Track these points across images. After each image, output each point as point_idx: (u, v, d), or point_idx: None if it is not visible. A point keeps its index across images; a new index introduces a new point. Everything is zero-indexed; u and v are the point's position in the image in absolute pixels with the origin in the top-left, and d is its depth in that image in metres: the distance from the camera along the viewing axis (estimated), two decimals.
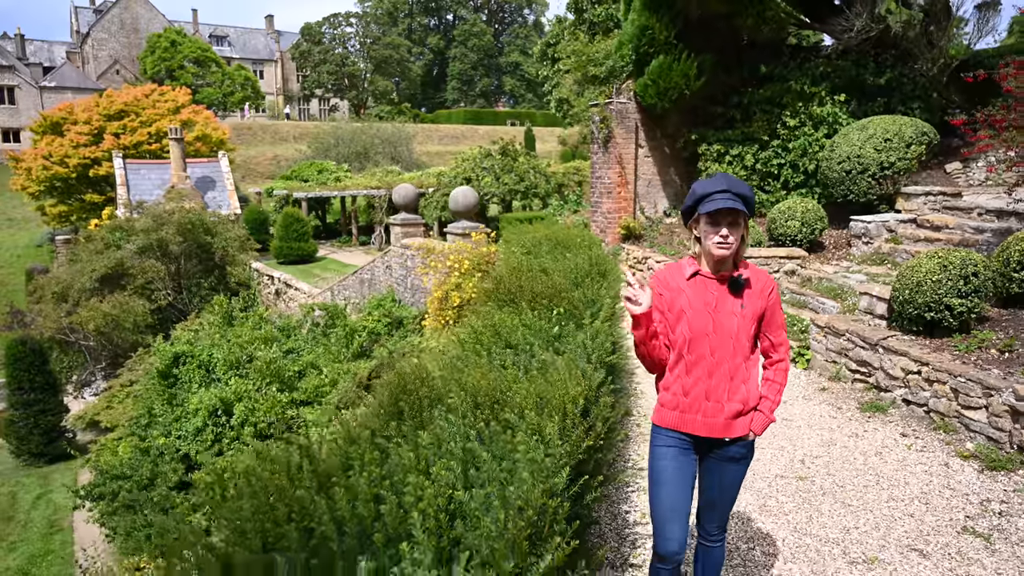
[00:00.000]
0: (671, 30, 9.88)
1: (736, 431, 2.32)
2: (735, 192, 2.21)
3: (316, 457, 1.69)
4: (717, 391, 2.29)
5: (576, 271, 4.85)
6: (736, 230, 2.23)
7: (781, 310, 2.40)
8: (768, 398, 2.39)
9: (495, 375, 2.34)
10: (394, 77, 62.09)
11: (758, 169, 10.06)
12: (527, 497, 1.45)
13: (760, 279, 2.34)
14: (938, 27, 9.89)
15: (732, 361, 2.29)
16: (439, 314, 9.66)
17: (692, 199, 2.29)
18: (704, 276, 2.31)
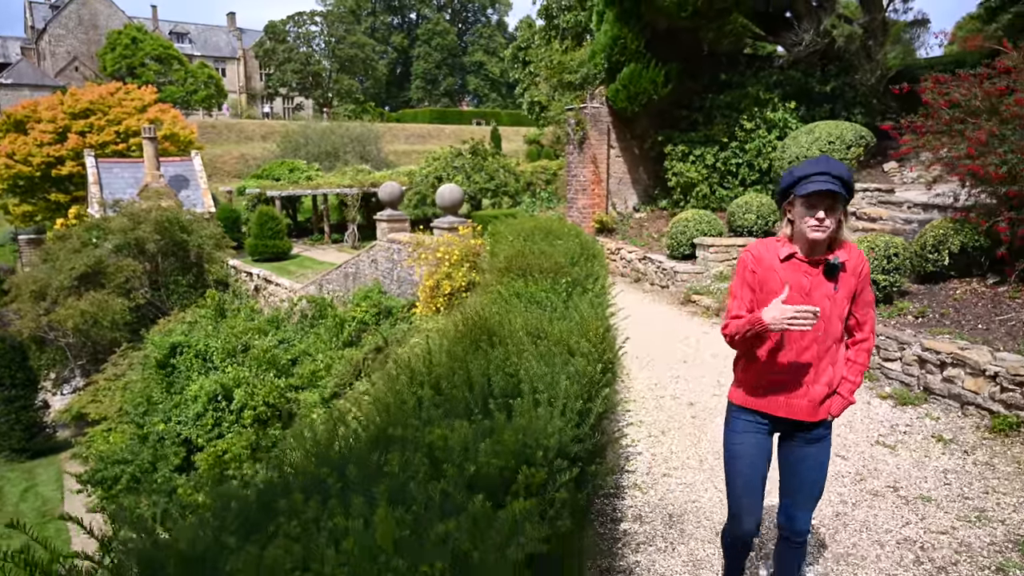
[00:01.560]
0: (640, 41, 10.83)
1: (820, 414, 2.28)
2: (834, 174, 2.11)
3: (435, 361, 2.50)
4: (805, 374, 2.24)
5: (569, 253, 5.69)
6: (833, 214, 2.13)
7: (871, 287, 2.31)
8: (848, 379, 2.31)
9: (535, 316, 3.17)
10: (359, 76, 62.19)
11: (718, 168, 11.08)
12: (587, 374, 2.29)
13: (854, 258, 2.25)
14: (876, 42, 11.06)
15: (823, 344, 2.24)
16: (431, 302, 10.42)
17: (789, 180, 2.20)
18: (799, 259, 2.22)
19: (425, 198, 23.40)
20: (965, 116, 6.86)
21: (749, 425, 2.34)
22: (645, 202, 12.64)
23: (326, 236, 28.32)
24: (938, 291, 6.56)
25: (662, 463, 4.04)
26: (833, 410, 2.30)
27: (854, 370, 2.32)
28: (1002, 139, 6.37)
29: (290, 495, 1.35)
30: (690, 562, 3.04)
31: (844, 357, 2.32)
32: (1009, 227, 6.14)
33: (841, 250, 2.23)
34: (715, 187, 11.11)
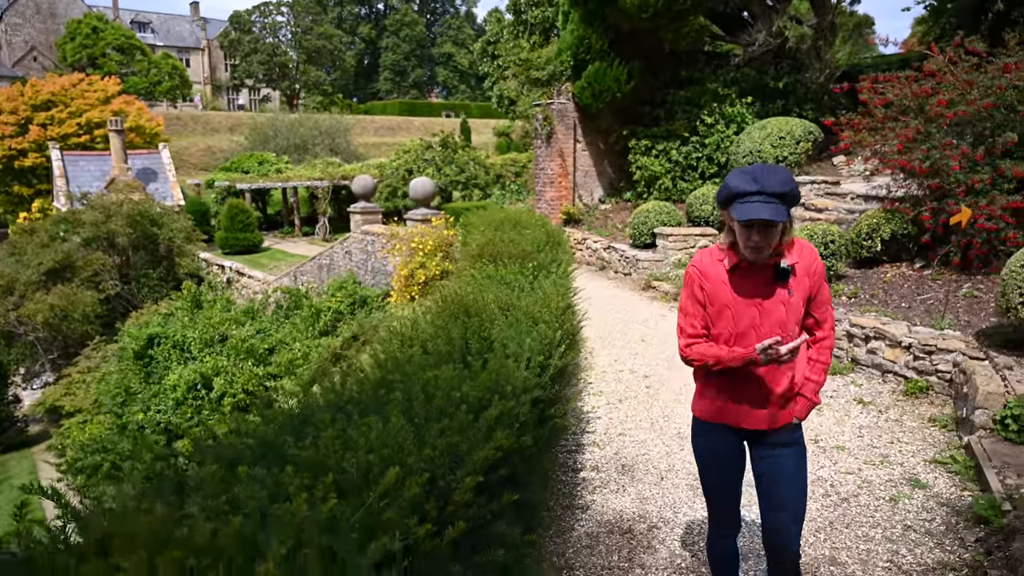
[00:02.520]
0: (605, 40, 11.35)
1: (782, 420, 2.21)
2: (770, 192, 1.97)
3: (420, 329, 2.97)
4: (764, 384, 2.17)
5: (536, 241, 6.18)
6: (771, 234, 2.02)
7: (827, 285, 2.24)
8: (812, 379, 2.24)
9: (504, 294, 3.65)
10: (326, 67, 61.78)
11: (680, 162, 11.67)
12: (546, 336, 2.79)
13: (806, 257, 2.15)
14: (825, 42, 11.74)
15: None
16: (405, 290, 10.84)
17: (724, 194, 2.08)
18: (747, 268, 2.13)
19: (396, 191, 23.67)
20: (897, 115, 7.52)
21: (714, 436, 2.30)
22: (610, 194, 13.20)
23: (297, 229, 28.38)
24: (871, 275, 7.22)
25: (618, 425, 4.57)
26: (797, 412, 2.22)
27: (816, 369, 2.25)
28: (927, 136, 7.04)
29: (321, 415, 1.82)
30: (638, 499, 3.57)
31: (806, 357, 2.26)
32: (932, 216, 6.80)
33: (792, 250, 2.13)
34: (677, 180, 11.70)
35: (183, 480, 1.57)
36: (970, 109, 6.74)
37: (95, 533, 1.19)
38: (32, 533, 1.19)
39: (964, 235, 6.54)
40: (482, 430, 1.79)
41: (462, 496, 1.52)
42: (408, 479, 1.42)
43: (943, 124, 7.01)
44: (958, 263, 6.69)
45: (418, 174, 22.97)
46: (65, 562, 1.08)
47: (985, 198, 6.42)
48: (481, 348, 2.69)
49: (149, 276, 19.43)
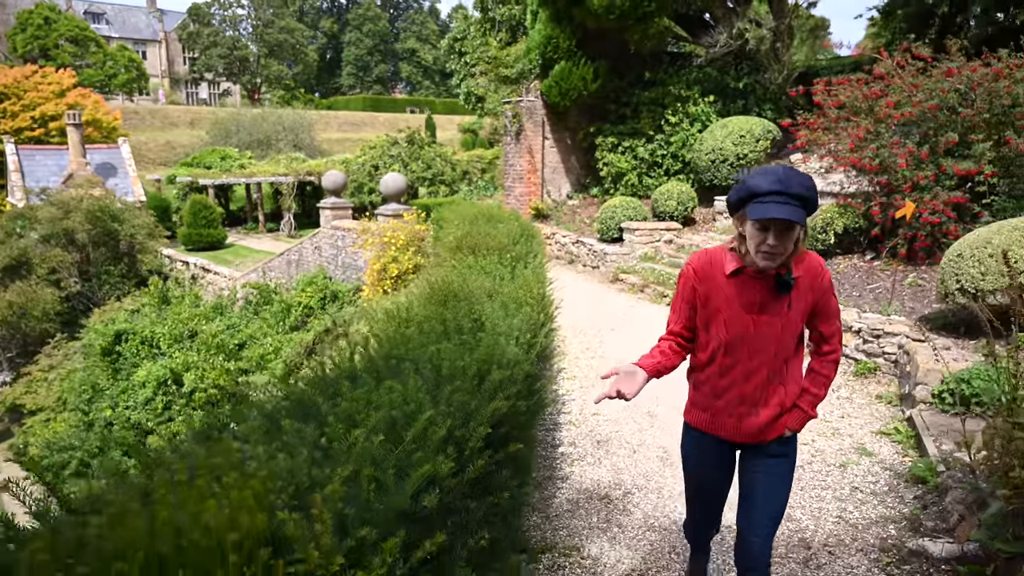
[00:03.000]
0: (572, 40, 11.65)
1: (771, 434, 2.12)
2: (792, 193, 1.85)
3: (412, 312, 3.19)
4: (753, 396, 2.08)
5: (511, 234, 6.42)
6: (788, 237, 1.89)
7: (834, 298, 2.11)
8: (811, 392, 2.14)
9: (488, 281, 3.89)
10: (287, 61, 60.92)
11: (645, 159, 12.04)
12: (531, 318, 3.04)
13: (810, 273, 2.03)
14: (783, 44, 12.23)
15: (773, 365, 2.06)
16: (378, 284, 10.97)
17: (741, 192, 1.94)
18: (748, 275, 2.03)
19: (362, 186, 23.62)
20: (849, 115, 7.98)
21: (703, 440, 2.23)
22: (577, 190, 13.52)
23: (261, 225, 28.09)
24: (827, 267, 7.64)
25: (591, 405, 4.86)
26: (791, 424, 2.13)
27: (818, 382, 2.15)
28: (876, 136, 7.49)
29: (340, 383, 2.04)
30: (613, 470, 3.86)
31: (808, 367, 2.17)
32: (881, 211, 7.26)
33: (799, 264, 2.01)
34: (642, 176, 12.07)
35: (225, 429, 1.77)
36: (916, 111, 7.21)
37: (177, 465, 1.39)
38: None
39: (910, 228, 7.00)
40: (487, 393, 2.03)
41: (475, 443, 1.75)
42: (431, 427, 1.65)
43: (891, 124, 7.47)
44: (904, 255, 7.15)
45: (384, 170, 22.97)
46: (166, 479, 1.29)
47: (929, 194, 6.89)
48: (473, 328, 2.92)
49: (110, 273, 19.11)
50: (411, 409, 1.75)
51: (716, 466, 2.27)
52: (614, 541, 3.13)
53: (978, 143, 6.81)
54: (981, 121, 6.89)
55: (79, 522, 1.12)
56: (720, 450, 2.23)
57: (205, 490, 1.17)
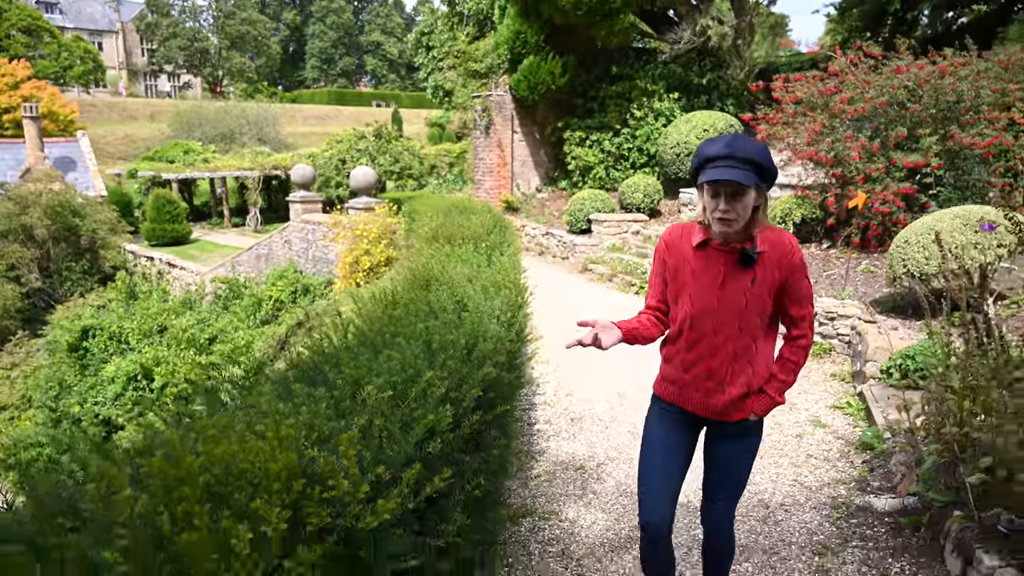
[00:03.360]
0: (540, 35, 11.85)
1: (737, 415, 2.11)
2: (740, 157, 1.88)
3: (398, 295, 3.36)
4: (720, 372, 2.07)
5: (485, 225, 6.60)
6: (739, 202, 1.91)
7: (806, 280, 2.07)
8: (779, 378, 2.11)
9: (467, 268, 4.07)
10: (250, 54, 59.91)
11: (612, 152, 12.32)
12: (510, 299, 3.24)
13: (778, 248, 2.01)
14: (744, 41, 12.61)
15: (738, 341, 2.05)
16: (350, 277, 11.05)
17: (696, 161, 1.99)
18: (713, 247, 2.04)
19: (329, 180, 23.48)
20: (806, 110, 8.34)
21: (667, 414, 2.22)
22: (546, 183, 13.75)
23: (226, 220, 27.73)
24: None
25: (565, 387, 5.08)
26: (756, 409, 2.11)
27: (787, 368, 2.13)
28: (831, 130, 7.86)
29: (340, 354, 2.21)
30: (587, 444, 4.09)
31: (776, 354, 2.16)
32: (836, 201, 7.63)
33: (765, 237, 2.00)
34: (609, 169, 12.35)
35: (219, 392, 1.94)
36: (868, 106, 7.58)
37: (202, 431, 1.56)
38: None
39: (863, 218, 7.39)
40: (476, 361, 2.23)
41: (469, 403, 1.95)
42: (430, 387, 1.84)
43: (845, 119, 7.85)
44: (858, 243, 7.54)
45: (352, 164, 22.91)
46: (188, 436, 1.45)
47: (880, 185, 7.27)
48: (456, 308, 3.11)
49: (72, 269, 18.77)
50: (411, 374, 1.93)
51: (674, 434, 2.20)
52: (589, 506, 3.36)
53: (925, 137, 7.22)
54: (928, 116, 7.30)
55: (141, 460, 1.29)
56: (684, 420, 2.20)
57: (247, 432, 1.35)
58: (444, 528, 1.73)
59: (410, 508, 1.51)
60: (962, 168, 7.30)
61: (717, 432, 2.20)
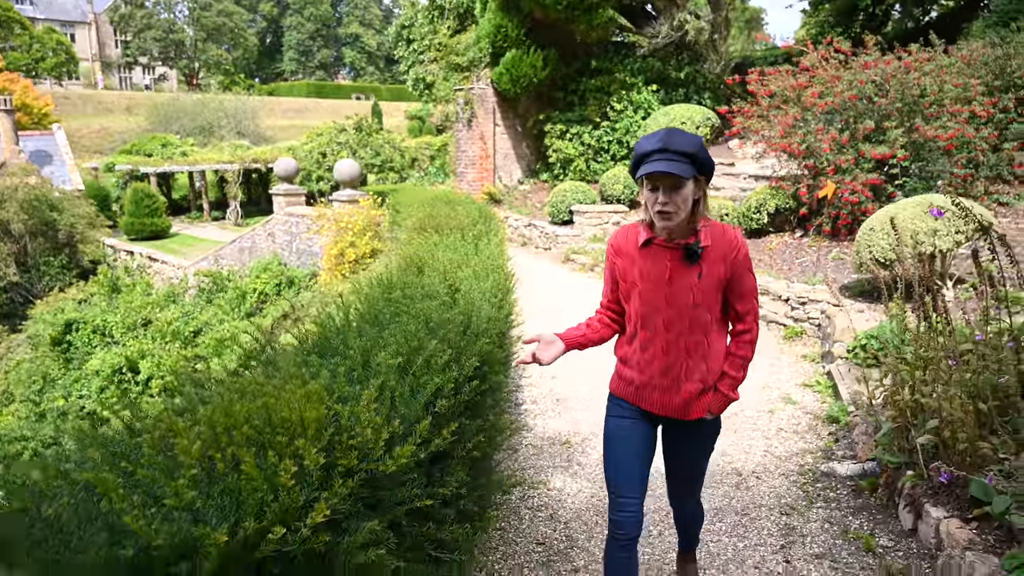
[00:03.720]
0: (521, 29, 12.02)
1: (695, 412, 2.11)
2: (675, 150, 1.90)
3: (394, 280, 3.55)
4: (674, 369, 2.08)
5: (470, 216, 6.81)
6: (678, 194, 1.92)
7: (751, 275, 2.11)
8: (729, 374, 2.13)
9: (457, 255, 4.27)
10: (226, 45, 59.23)
11: (592, 145, 12.55)
12: (499, 283, 3.45)
13: (723, 243, 2.03)
14: (720, 36, 12.88)
15: (690, 337, 2.06)
16: (335, 269, 11.17)
17: (634, 158, 2.01)
18: (657, 244, 2.06)
19: (310, 174, 23.44)
20: (779, 104, 8.62)
21: (625, 411, 2.23)
22: (528, 175, 13.95)
23: (206, 214, 27.58)
24: (760, 243, 8.30)
25: (550, 370, 5.30)
26: (712, 407, 2.13)
27: (735, 364, 2.14)
28: (803, 123, 8.14)
29: (347, 331, 2.40)
30: (571, 421, 4.32)
31: (726, 352, 2.16)
32: (808, 192, 7.92)
33: (708, 232, 2.02)
34: (590, 162, 12.58)
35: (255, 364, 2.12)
36: (838, 100, 7.87)
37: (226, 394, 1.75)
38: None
39: (833, 208, 7.68)
40: (472, 336, 2.43)
41: (468, 371, 2.15)
42: (434, 356, 2.04)
43: (817, 112, 8.12)
44: (829, 232, 7.84)
45: (332, 157, 22.91)
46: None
47: (850, 175, 7.56)
48: (450, 291, 3.31)
49: (50, 264, 18.65)
50: (415, 345, 2.13)
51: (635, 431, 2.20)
52: (575, 476, 3.58)
53: (892, 130, 7.52)
54: (894, 110, 7.61)
55: (192, 409, 1.48)
56: (641, 419, 2.20)
57: (278, 390, 1.54)
58: (448, 480, 1.94)
59: (421, 458, 1.71)
60: (927, 159, 7.61)
61: (675, 432, 2.22)
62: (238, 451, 1.33)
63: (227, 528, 1.16)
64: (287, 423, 1.43)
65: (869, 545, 2.79)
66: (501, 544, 2.95)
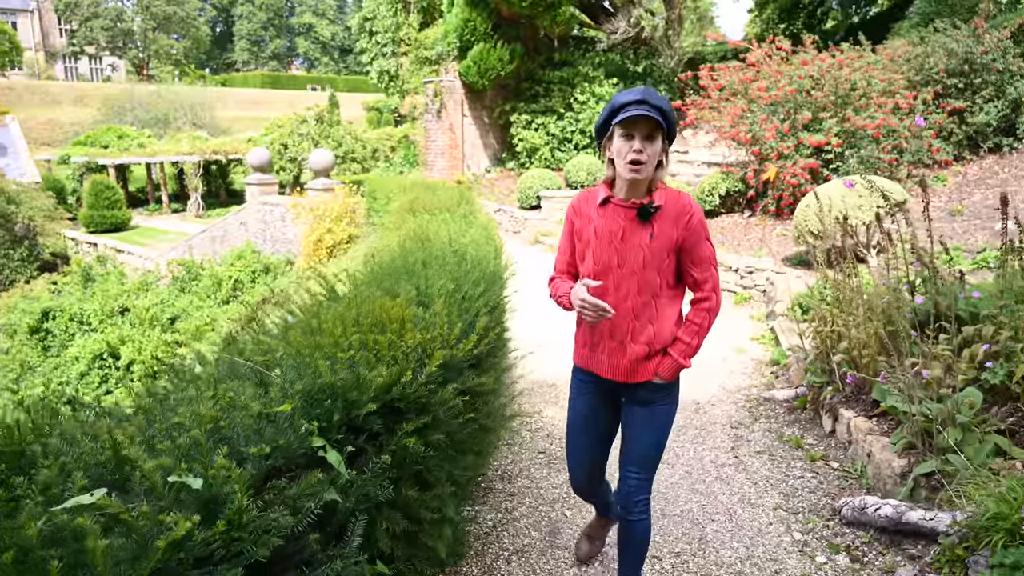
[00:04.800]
0: (488, 24, 12.62)
1: (641, 375, 2.13)
2: (652, 104, 1.96)
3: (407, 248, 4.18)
4: (621, 329, 2.11)
5: (453, 198, 7.43)
6: (652, 145, 1.98)
7: (707, 243, 2.11)
8: (683, 340, 2.13)
9: (454, 229, 4.91)
10: (175, 35, 57.97)
11: (557, 135, 13.25)
12: (496, 248, 4.12)
13: (677, 206, 2.06)
14: (675, 32, 13.71)
15: (638, 298, 2.08)
16: (314, 254, 11.63)
17: (608, 110, 2.03)
18: (616, 203, 2.10)
19: (272, 164, 23.59)
20: (728, 96, 9.45)
21: (584, 385, 2.29)
22: (494, 164, 14.59)
23: (165, 206, 27.36)
24: (713, 223, 9.13)
25: (533, 328, 5.99)
26: (661, 371, 2.12)
27: (690, 331, 2.13)
28: (750, 114, 8.99)
29: (383, 275, 3.03)
30: (558, 368, 5.02)
31: (680, 316, 2.19)
32: (754, 176, 8.78)
33: (662, 194, 2.07)
34: (554, 151, 13.29)
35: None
36: (780, 93, 8.74)
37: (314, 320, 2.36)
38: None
39: (776, 190, 8.55)
40: (489, 280, 3.09)
41: (494, 303, 2.82)
42: (471, 290, 2.70)
43: (761, 104, 8.98)
44: (773, 211, 8.72)
45: (294, 148, 23.16)
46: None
47: (791, 160, 8.44)
48: (456, 253, 3.97)
49: (10, 257, 18.53)
50: (455, 285, 2.78)
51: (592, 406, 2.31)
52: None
53: (827, 120, 8.42)
54: (829, 102, 8.50)
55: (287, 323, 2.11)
56: (601, 391, 2.26)
57: (374, 301, 2.18)
58: (485, 380, 2.59)
59: (473, 354, 2.37)
60: (858, 146, 8.53)
61: (629, 400, 2.23)
62: (366, 335, 1.97)
63: (378, 372, 1.80)
64: (390, 318, 2.06)
65: (798, 444, 3.57)
66: (509, 454, 3.63)
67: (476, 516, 3.00)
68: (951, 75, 8.62)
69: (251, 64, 67.46)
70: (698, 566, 2.63)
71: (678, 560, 2.67)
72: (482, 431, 2.58)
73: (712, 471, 3.39)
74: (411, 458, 1.90)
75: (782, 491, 3.14)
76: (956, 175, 8.44)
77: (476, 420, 2.42)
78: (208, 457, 1.28)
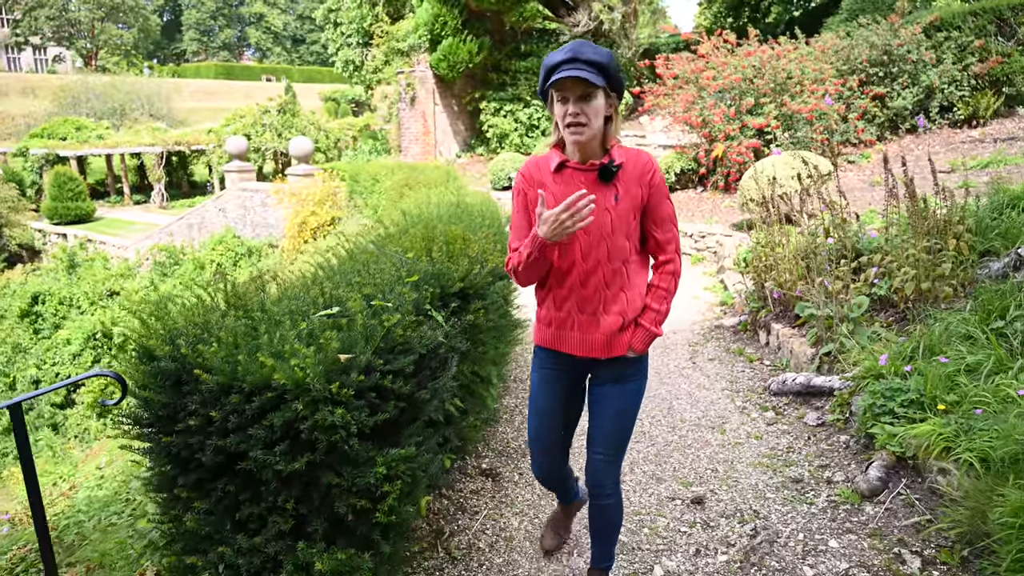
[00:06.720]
0: (458, 20, 13.42)
1: (617, 349, 1.99)
2: (584, 59, 1.78)
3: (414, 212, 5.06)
4: (593, 301, 1.96)
5: (440, 176, 8.30)
6: (589, 105, 1.81)
7: (668, 202, 2.00)
8: (652, 308, 2.01)
9: (454, 197, 5.80)
10: (122, 25, 56.69)
11: (524, 122, 14.16)
12: (497, 216, 5.04)
13: (638, 163, 1.93)
14: (631, 25, 14.74)
15: (609, 265, 1.94)
16: (298, 236, 12.31)
17: (543, 72, 1.87)
18: (572, 167, 1.94)
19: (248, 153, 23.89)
20: (681, 84, 10.51)
21: (548, 366, 2.14)
22: (464, 149, 15.42)
23: (127, 197, 27.35)
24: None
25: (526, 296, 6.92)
26: (634, 343, 2.00)
27: (657, 296, 2.02)
28: (701, 100, 10.06)
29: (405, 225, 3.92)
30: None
31: (646, 283, 2.05)
32: (705, 155, 9.85)
33: (620, 151, 1.94)
34: (523, 136, 14.20)
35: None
36: (726, 81, 9.81)
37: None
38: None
39: (724, 167, 9.65)
40: (496, 228, 4.01)
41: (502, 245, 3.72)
42: (487, 232, 3.60)
43: (710, 91, 10.05)
44: (723, 187, 9.81)
45: (256, 139, 23.61)
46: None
47: (736, 141, 9.53)
48: (462, 214, 4.86)
49: None
50: (487, 224, 3.68)
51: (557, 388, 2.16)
52: None
53: (767, 104, 9.53)
54: (769, 89, 9.62)
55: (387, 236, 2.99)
56: (566, 370, 2.13)
57: (444, 227, 3.08)
58: (510, 288, 3.50)
59: (495, 273, 3.28)
60: (794, 128, 9.68)
61: (597, 379, 2.12)
62: (448, 244, 2.86)
63: (458, 265, 2.69)
64: (454, 237, 2.96)
65: (741, 352, 4.60)
66: (515, 398, 4.56)
67: (500, 402, 3.92)
68: (873, 65, 9.84)
69: (200, 55, 66.39)
70: (668, 423, 3.62)
71: (654, 420, 3.65)
72: (511, 325, 3.50)
73: (676, 372, 4.39)
74: (476, 329, 2.81)
75: (728, 379, 4.15)
76: (879, 152, 9.67)
77: (509, 314, 3.34)
78: (393, 288, 2.17)
